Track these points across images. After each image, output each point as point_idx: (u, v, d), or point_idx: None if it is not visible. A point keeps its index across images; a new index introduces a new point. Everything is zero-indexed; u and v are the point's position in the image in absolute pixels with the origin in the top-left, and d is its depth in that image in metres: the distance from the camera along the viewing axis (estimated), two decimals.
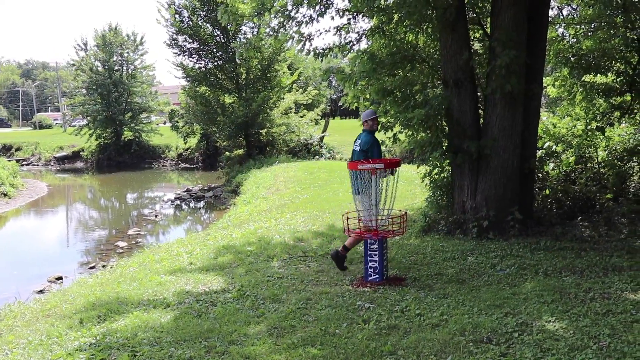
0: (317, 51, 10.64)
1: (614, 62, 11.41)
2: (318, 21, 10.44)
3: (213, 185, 27.51)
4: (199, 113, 30.86)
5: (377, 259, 7.12)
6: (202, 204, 23.33)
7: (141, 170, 38.60)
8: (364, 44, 11.06)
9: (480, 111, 9.94)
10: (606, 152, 11.65)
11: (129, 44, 44.28)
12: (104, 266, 12.35)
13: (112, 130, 42.95)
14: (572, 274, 7.26)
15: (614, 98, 11.66)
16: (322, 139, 34.83)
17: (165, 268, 8.94)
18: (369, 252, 7.15)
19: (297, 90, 34.54)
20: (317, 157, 31.99)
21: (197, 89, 30.69)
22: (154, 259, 9.97)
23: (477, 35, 10.92)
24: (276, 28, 10.78)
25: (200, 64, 30.51)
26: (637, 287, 6.59)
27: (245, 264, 8.71)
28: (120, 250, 14.49)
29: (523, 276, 7.26)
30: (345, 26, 10.62)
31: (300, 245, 9.85)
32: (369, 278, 7.19)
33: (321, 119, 38.61)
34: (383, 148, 11.34)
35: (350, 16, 10.46)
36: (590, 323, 5.47)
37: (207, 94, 30.66)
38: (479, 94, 10.04)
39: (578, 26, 12.00)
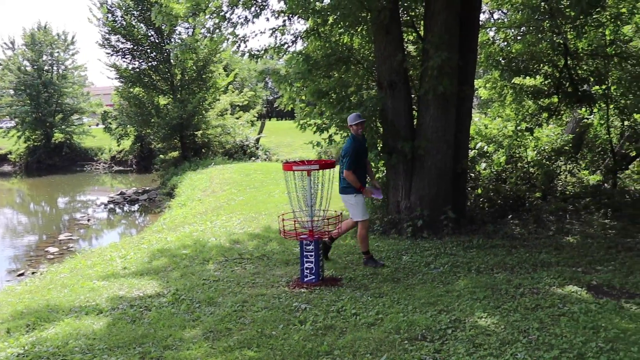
0: (253, 53, 10.60)
1: (542, 65, 11.77)
2: (253, 22, 10.44)
3: (147, 188, 27.02)
4: (132, 114, 30.34)
5: (313, 259, 7.13)
6: (136, 207, 22.88)
7: (73, 173, 37.55)
8: (299, 46, 11.10)
9: (415, 112, 10.09)
10: (535, 152, 12.02)
11: (60, 44, 43.07)
12: (33, 273, 11.93)
13: (42, 132, 41.59)
14: (503, 271, 7.46)
15: (542, 100, 12.03)
16: (258, 140, 34.72)
17: (98, 273, 8.72)
18: (305, 253, 7.15)
19: (233, 92, 34.34)
20: (253, 158, 31.88)
21: (131, 90, 30.16)
22: (87, 265, 9.72)
23: (411, 37, 11.09)
24: (211, 29, 10.69)
25: (134, 64, 30.02)
26: (564, 281, 6.83)
27: (180, 268, 8.58)
28: (51, 256, 14.04)
29: (456, 274, 7.41)
30: (281, 28, 10.62)
31: (236, 247, 9.78)
32: (305, 279, 7.19)
33: (257, 120, 38.48)
34: (318, 149, 11.38)
35: (286, 18, 10.47)
36: (520, 318, 5.63)
37: (141, 95, 30.16)
38: (412, 96, 10.19)
39: (508, 30, 12.33)
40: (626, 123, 12.43)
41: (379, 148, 9.82)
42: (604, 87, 11.75)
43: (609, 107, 12.06)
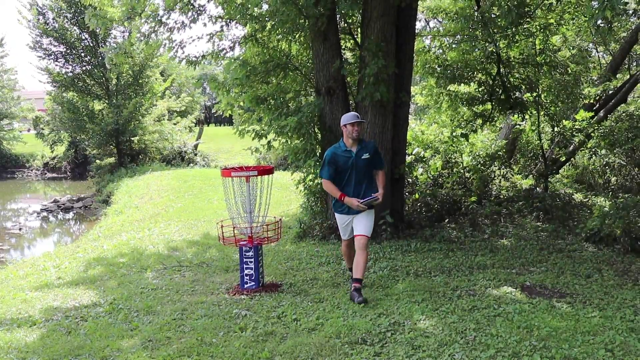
0: (190, 59, 10.51)
1: (476, 72, 12.06)
2: (190, 27, 10.34)
3: (83, 195, 26.36)
4: (66, 120, 29.55)
5: (253, 266, 7.11)
6: (71, 215, 22.31)
7: (3, 181, 36.31)
8: (237, 52, 11.05)
9: None
10: (470, 157, 12.30)
11: None
12: None
13: None
14: (441, 274, 7.60)
15: (476, 106, 12.33)
16: (196, 146, 34.41)
17: (30, 284, 8.46)
18: (245, 260, 7.12)
19: (171, 97, 33.89)
20: (191, 165, 31.55)
21: (64, 94, 29.39)
22: (18, 275, 9.40)
23: (349, 44, 11.19)
24: (147, 33, 10.54)
25: (67, 68, 29.22)
26: (499, 283, 7.03)
27: (117, 276, 8.41)
28: None
29: (395, 277, 7.51)
30: (219, 33, 10.56)
31: (175, 255, 9.66)
32: (245, 285, 7.16)
33: (195, 126, 38.11)
34: (257, 155, 11.35)
35: (224, 23, 10.42)
36: (458, 319, 5.76)
37: (75, 100, 29.41)
38: (350, 102, 10.28)
39: (443, 38, 12.60)
40: (556, 129, 12.86)
41: (317, 154, 9.87)
42: (534, 94, 12.15)
43: (540, 113, 12.47)
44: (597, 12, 5.37)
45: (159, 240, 10.99)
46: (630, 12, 12.30)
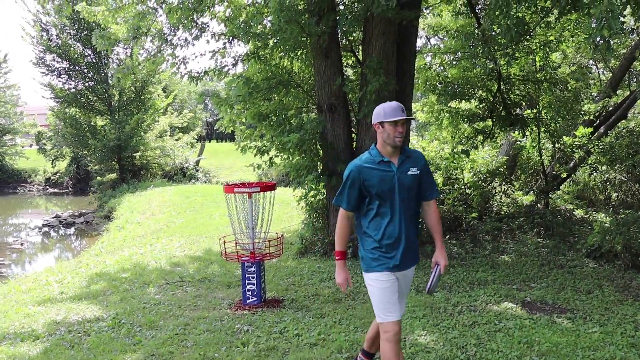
0: (192, 75, 10.59)
1: (476, 89, 12.13)
2: (193, 44, 10.41)
3: (84, 211, 26.41)
4: (68, 135, 29.66)
5: (255, 281, 7.14)
6: (72, 230, 22.32)
7: (4, 196, 36.36)
8: (239, 68, 11.13)
9: (354, 135, 10.24)
10: (471, 173, 12.34)
11: None
12: None
13: None
14: (442, 289, 7.63)
15: (477, 123, 12.38)
16: (198, 162, 34.47)
17: (33, 299, 8.49)
18: (247, 275, 7.16)
19: (172, 113, 34.03)
20: (193, 181, 31.60)
21: (67, 110, 29.53)
22: (21, 290, 9.44)
23: (350, 62, 11.28)
24: (153, 52, 10.63)
25: (70, 84, 29.38)
26: (500, 299, 7.05)
27: (120, 291, 8.44)
28: None
29: None
30: (221, 50, 10.65)
31: (177, 270, 9.69)
32: (247, 301, 7.19)
33: (197, 142, 38.22)
34: (259, 172, 11.38)
35: (226, 40, 10.51)
36: (458, 334, 5.79)
37: (77, 116, 29.54)
38: (352, 119, 10.35)
39: (444, 56, 12.68)
40: (556, 145, 12.91)
41: (318, 170, 9.93)
42: (535, 111, 12.22)
43: (540, 130, 12.53)
44: (595, 31, 5.45)
45: (161, 256, 11.02)
46: (629, 30, 12.41)
